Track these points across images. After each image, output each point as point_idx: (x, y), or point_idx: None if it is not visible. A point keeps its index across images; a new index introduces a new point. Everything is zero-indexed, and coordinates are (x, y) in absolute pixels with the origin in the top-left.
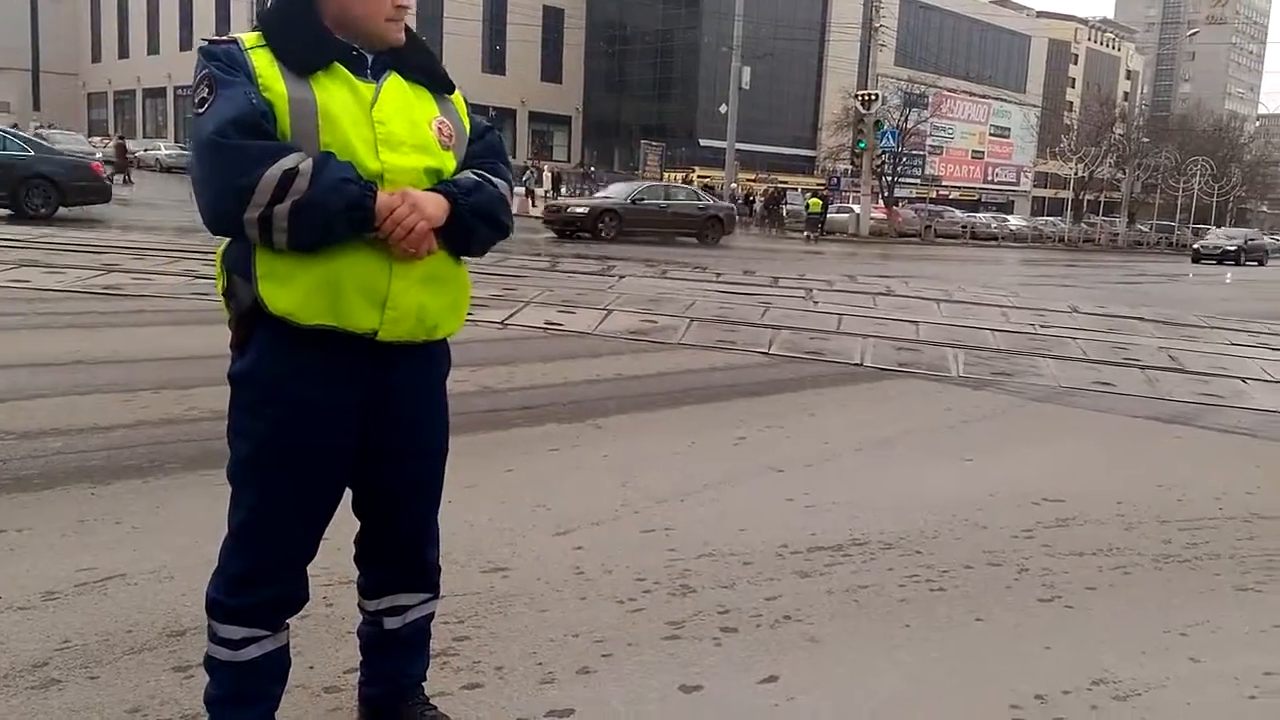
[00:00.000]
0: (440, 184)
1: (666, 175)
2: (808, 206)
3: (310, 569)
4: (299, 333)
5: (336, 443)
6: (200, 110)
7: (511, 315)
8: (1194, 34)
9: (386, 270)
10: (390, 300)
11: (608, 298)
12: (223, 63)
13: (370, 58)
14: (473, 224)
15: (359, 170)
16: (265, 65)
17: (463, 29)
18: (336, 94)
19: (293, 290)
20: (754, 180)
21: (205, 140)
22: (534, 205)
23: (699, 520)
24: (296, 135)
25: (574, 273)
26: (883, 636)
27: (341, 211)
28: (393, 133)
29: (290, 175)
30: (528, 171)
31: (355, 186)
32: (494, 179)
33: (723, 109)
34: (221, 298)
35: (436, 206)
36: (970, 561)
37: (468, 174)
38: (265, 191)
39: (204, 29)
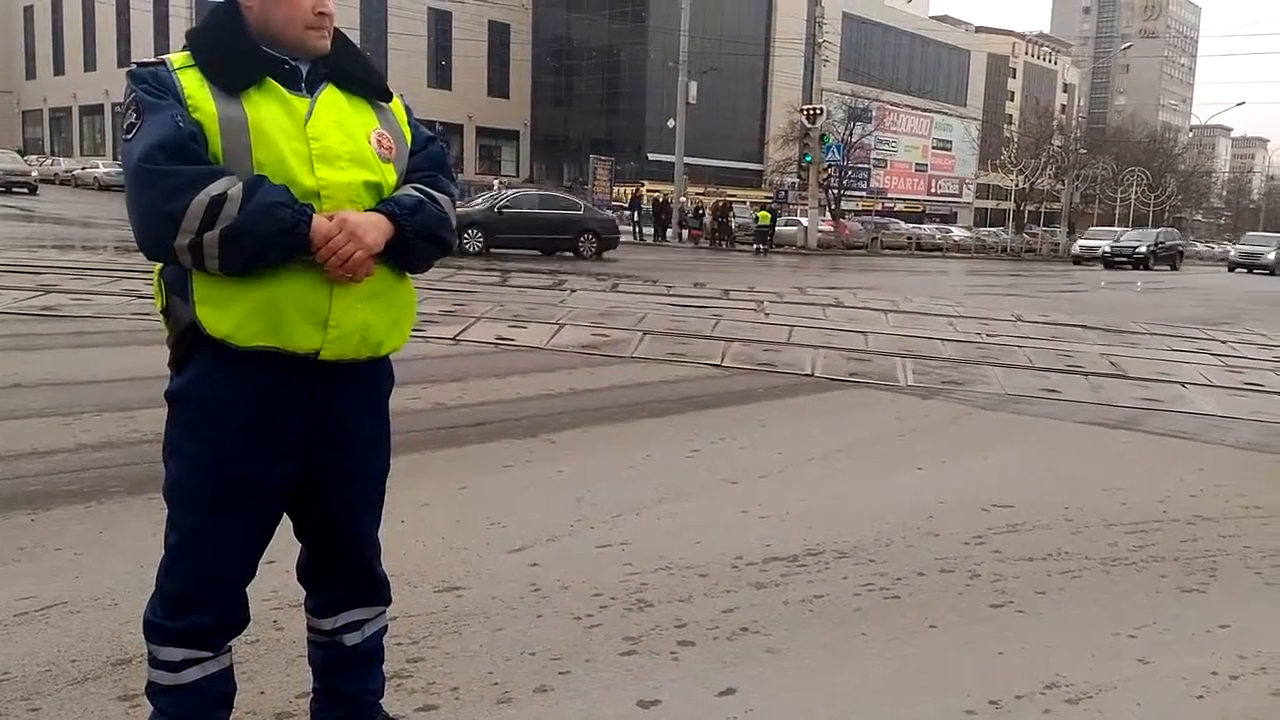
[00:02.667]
0: (382, 203)
1: (616, 189)
2: (756, 219)
3: (257, 592)
4: (239, 353)
5: (277, 465)
6: (128, 136)
7: (462, 331)
8: (1127, 47)
9: (327, 290)
10: (332, 319)
11: (559, 312)
12: (150, 85)
13: (305, 70)
14: (415, 244)
15: (294, 188)
16: (194, 85)
17: (408, 44)
18: (268, 110)
19: (231, 313)
20: (703, 194)
21: (133, 167)
22: None
23: (654, 534)
24: (229, 154)
25: (525, 287)
26: (839, 645)
27: (273, 237)
28: (328, 147)
29: (219, 201)
30: (496, 187)
31: (288, 211)
32: (436, 194)
33: (670, 123)
34: (160, 315)
35: (377, 231)
36: (923, 569)
37: (409, 191)
38: (194, 218)
39: (142, 45)
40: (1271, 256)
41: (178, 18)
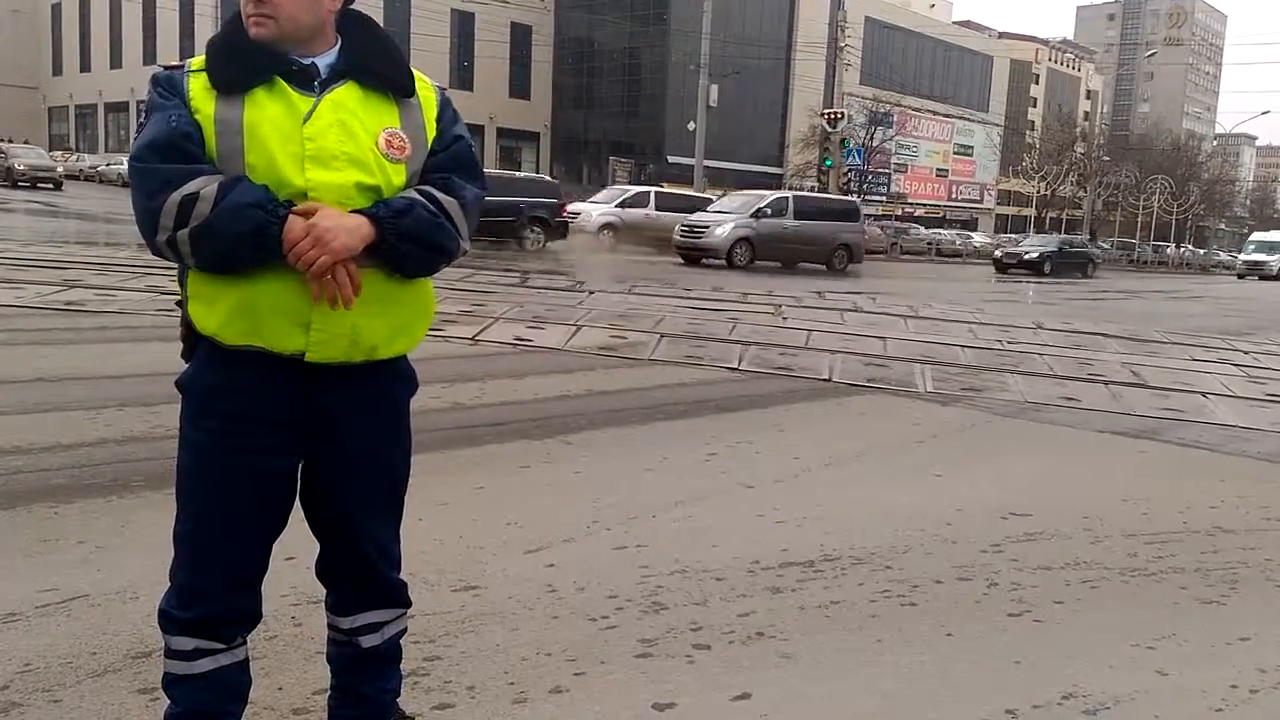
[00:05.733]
0: (372, 205)
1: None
2: None
3: (277, 588)
4: (230, 350)
5: (273, 458)
6: (138, 132)
7: (481, 331)
8: (1152, 55)
9: (309, 291)
10: (315, 322)
11: (577, 313)
12: (163, 88)
13: (323, 68)
14: (402, 248)
15: (284, 189)
16: (199, 88)
17: (431, 45)
18: (269, 110)
19: (216, 311)
20: (722, 196)
21: (129, 165)
22: None
23: (670, 537)
24: (223, 155)
25: (544, 289)
26: (855, 652)
27: (241, 238)
28: (322, 148)
29: (191, 200)
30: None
31: (260, 212)
32: (440, 196)
33: (691, 126)
34: (178, 306)
35: (349, 235)
36: (940, 576)
37: (409, 193)
38: (169, 215)
39: (167, 42)
40: (723, 232)
41: (203, 16)
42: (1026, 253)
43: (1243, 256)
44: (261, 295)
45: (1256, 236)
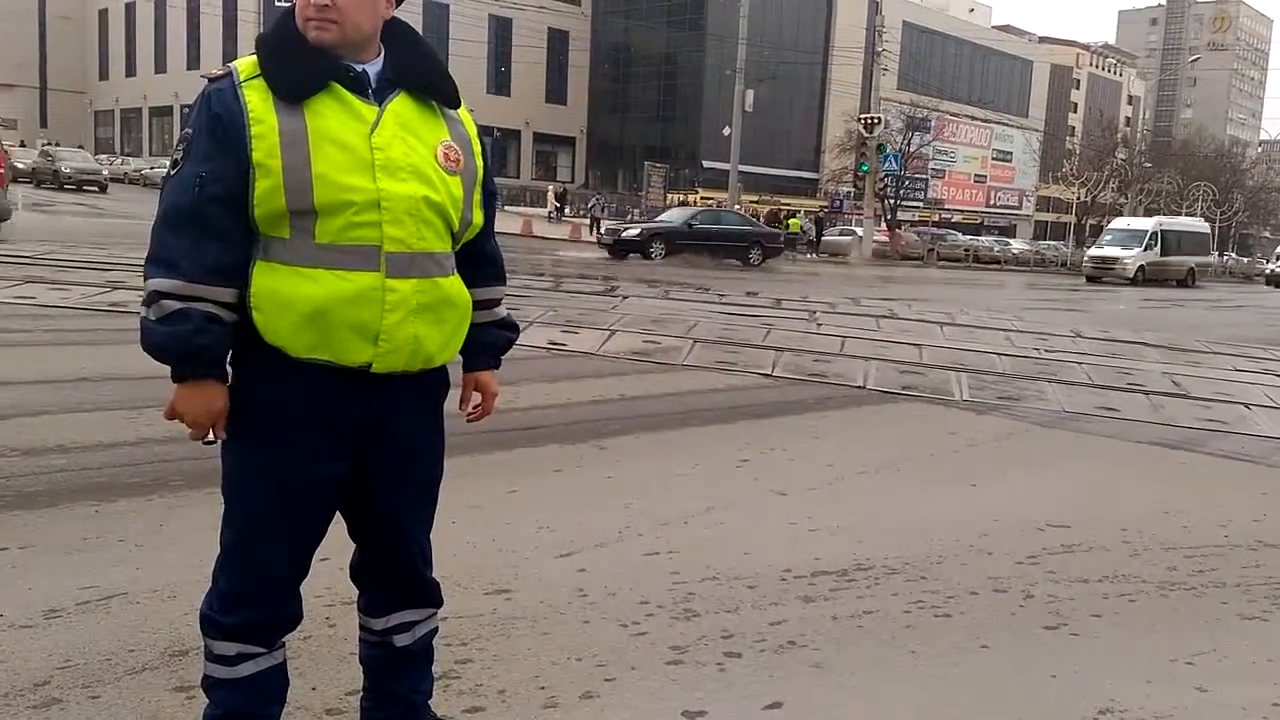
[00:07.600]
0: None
1: (670, 196)
2: (786, 226)
3: (312, 589)
4: (294, 360)
5: (325, 467)
6: (171, 171)
7: None
8: (1195, 60)
9: (379, 304)
10: (383, 334)
11: (611, 318)
12: (210, 111)
13: (373, 76)
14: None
15: (355, 194)
16: (257, 100)
17: (468, 50)
18: (332, 119)
19: (284, 323)
20: (757, 202)
21: (160, 211)
22: (595, 232)
23: (702, 543)
24: (289, 167)
25: (578, 293)
26: (888, 663)
27: (161, 359)
28: (391, 158)
29: (155, 295)
30: (593, 200)
31: (171, 358)
32: (504, 313)
33: (726, 131)
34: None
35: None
36: (975, 587)
37: (492, 331)
38: (146, 288)
39: (211, 48)
40: None
41: (246, 22)
42: (626, 230)
43: (1091, 251)
44: (332, 309)
45: (1117, 224)
